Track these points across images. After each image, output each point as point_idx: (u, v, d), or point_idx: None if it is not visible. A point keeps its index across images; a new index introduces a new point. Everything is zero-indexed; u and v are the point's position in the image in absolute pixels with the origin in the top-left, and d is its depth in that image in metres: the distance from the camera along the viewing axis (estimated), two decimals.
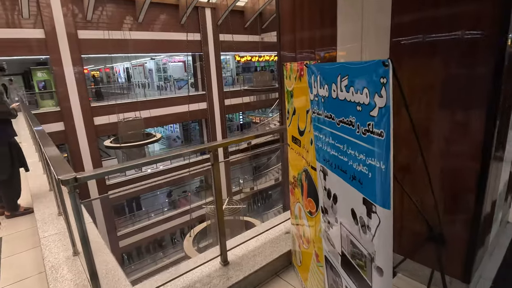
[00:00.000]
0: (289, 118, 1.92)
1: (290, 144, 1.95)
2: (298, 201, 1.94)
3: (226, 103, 18.58)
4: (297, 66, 1.67)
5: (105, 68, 31.53)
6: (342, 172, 1.20)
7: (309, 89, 1.45)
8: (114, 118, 13.31)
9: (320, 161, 1.42)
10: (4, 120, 3.19)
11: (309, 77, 1.41)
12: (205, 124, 18.66)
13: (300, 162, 1.81)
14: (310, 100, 1.45)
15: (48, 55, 12.95)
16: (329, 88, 1.21)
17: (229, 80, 21.79)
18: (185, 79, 22.77)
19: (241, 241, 2.50)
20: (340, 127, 1.17)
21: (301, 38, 2.63)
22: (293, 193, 2.02)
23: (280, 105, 2.75)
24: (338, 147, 1.21)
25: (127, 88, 20.50)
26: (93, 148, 14.38)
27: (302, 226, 1.95)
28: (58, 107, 13.60)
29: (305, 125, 1.66)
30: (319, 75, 1.30)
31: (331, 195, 1.35)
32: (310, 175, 1.65)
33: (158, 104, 16.36)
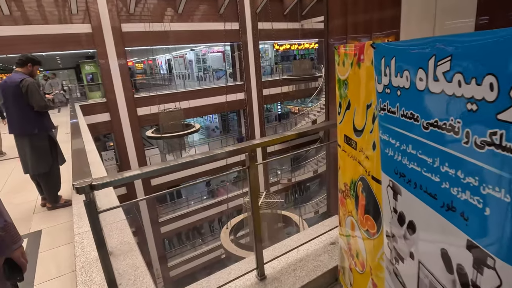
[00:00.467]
0: (341, 113, 1.56)
1: (342, 144, 1.60)
2: (350, 215, 1.60)
3: (265, 93, 18.25)
4: (355, 49, 1.31)
5: (148, 60, 32.77)
6: (428, 195, 0.85)
7: (375, 77, 1.09)
8: (155, 109, 13.65)
9: (389, 174, 1.07)
10: (43, 113, 3.19)
11: (377, 61, 1.05)
12: (243, 115, 18.54)
13: (355, 168, 1.46)
14: (377, 92, 1.09)
15: (95, 48, 13.53)
16: (413, 75, 0.85)
17: (267, 69, 21.38)
18: (223, 69, 22.81)
19: (280, 253, 2.22)
20: (429, 132, 0.81)
21: (354, 21, 2.22)
22: (344, 204, 1.68)
23: (326, 97, 2.39)
24: (423, 160, 0.85)
25: (168, 79, 20.99)
26: (137, 137, 14.93)
27: (355, 244, 1.61)
28: (104, 99, 14.25)
29: (364, 123, 1.31)
30: (394, 58, 0.94)
31: (405, 221, 1.00)
32: (370, 187, 1.30)
33: (197, 94, 16.52)
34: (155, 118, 13.42)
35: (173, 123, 11.99)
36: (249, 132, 18.36)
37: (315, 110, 19.87)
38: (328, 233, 2.39)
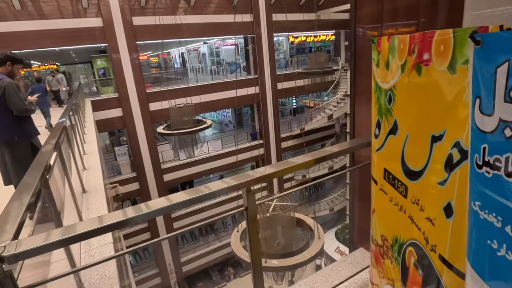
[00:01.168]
0: (379, 137, 1.08)
1: (379, 181, 1.12)
2: (390, 283, 1.12)
3: (279, 87, 17.68)
4: (412, 42, 0.82)
5: (162, 54, 32.62)
6: None
7: (471, 99, 0.60)
8: (167, 104, 13.37)
9: (482, 273, 0.59)
10: (24, 117, 2.84)
11: (486, 67, 0.56)
12: (257, 109, 18.05)
13: (401, 221, 0.98)
14: (475, 130, 0.60)
15: (106, 43, 13.31)
16: None
17: (282, 62, 20.71)
18: (237, 62, 22.30)
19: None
20: None
21: (393, 7, 1.70)
22: (380, 263, 1.20)
23: (351, 107, 1.87)
24: None
25: (182, 73, 20.68)
26: (149, 133, 14.74)
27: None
28: (116, 94, 14.08)
29: (424, 163, 0.82)
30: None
31: None
32: (435, 268, 0.82)
33: (210, 89, 16.14)
34: (167, 113, 13.17)
35: (184, 119, 11.65)
36: (263, 127, 17.89)
37: (331, 105, 19.14)
38: (353, 278, 1.89)
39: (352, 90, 1.73)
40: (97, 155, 4.50)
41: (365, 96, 1.67)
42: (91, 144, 5.27)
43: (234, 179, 1.18)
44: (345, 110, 18.19)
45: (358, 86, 1.67)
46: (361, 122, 1.76)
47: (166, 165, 15.84)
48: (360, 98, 1.69)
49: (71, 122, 3.80)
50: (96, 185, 3.34)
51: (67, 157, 3.08)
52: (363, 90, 1.64)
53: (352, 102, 1.83)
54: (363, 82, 1.64)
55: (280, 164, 1.22)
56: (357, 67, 1.63)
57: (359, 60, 1.65)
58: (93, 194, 3.12)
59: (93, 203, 2.87)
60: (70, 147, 3.00)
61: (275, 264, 5.86)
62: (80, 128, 5.99)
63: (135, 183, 15.21)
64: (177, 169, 16.05)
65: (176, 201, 1.11)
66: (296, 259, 5.86)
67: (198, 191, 1.15)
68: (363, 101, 1.70)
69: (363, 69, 1.62)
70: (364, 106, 1.69)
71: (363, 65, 1.61)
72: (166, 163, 15.92)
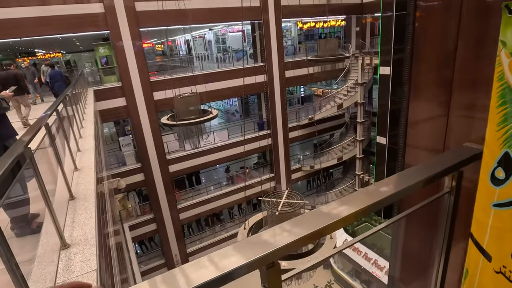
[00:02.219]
0: (507, 184, 0.65)
1: (497, 258, 0.70)
2: None
3: (287, 75, 17.09)
4: None
5: (168, 42, 32.01)
6: None
7: None
8: (172, 93, 12.96)
9: None
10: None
11: None
12: (264, 98, 17.54)
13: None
14: None
15: (108, 30, 12.86)
16: None
17: (290, 49, 20.01)
18: (244, 50, 21.65)
19: None
20: None
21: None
22: None
23: (403, 102, 1.42)
24: None
25: (187, 61, 20.15)
26: (154, 123, 14.42)
27: None
28: (120, 83, 13.71)
29: None
30: None
31: None
32: None
33: (216, 77, 15.66)
34: (172, 102, 12.78)
35: (189, 108, 11.26)
36: (270, 117, 17.42)
37: (341, 93, 18.52)
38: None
39: (407, 85, 1.30)
40: (93, 153, 4.13)
41: (428, 92, 1.23)
42: (88, 139, 4.91)
43: (249, 248, 0.75)
44: (355, 99, 17.57)
45: (418, 78, 1.22)
46: (420, 128, 1.32)
47: (172, 156, 15.57)
48: (420, 94, 1.25)
49: (59, 116, 3.41)
50: (87, 190, 2.98)
51: (50, 157, 2.71)
52: (425, 84, 1.20)
53: (406, 100, 1.39)
54: (426, 74, 1.21)
55: (315, 218, 0.80)
56: (417, 53, 1.19)
57: (421, 43, 1.20)
58: (81, 201, 2.75)
59: (80, 214, 2.51)
60: (53, 145, 2.61)
61: (284, 266, 5.52)
62: (78, 121, 5.64)
63: (140, 174, 15.00)
64: (183, 160, 15.78)
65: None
66: (307, 261, 5.52)
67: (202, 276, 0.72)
68: (424, 98, 1.26)
69: (426, 55, 1.18)
70: (425, 106, 1.25)
71: (427, 50, 1.17)
72: (171, 153, 15.65)
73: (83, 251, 2.02)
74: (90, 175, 3.35)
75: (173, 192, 16.03)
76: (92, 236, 2.18)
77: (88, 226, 2.32)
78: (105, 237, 2.93)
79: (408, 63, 1.66)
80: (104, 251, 2.54)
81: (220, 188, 17.45)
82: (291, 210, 6.28)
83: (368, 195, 0.94)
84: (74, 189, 3.02)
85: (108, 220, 3.84)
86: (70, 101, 4.95)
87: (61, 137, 3.39)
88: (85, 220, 2.39)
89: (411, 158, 1.53)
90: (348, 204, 0.87)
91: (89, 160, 3.84)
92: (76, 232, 2.27)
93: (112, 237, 3.98)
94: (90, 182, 3.14)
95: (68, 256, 1.98)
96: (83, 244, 2.11)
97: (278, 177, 18.54)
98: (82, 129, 5.62)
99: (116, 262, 3.87)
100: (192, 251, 17.19)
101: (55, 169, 2.90)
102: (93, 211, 2.53)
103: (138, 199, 16.36)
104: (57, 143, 3.48)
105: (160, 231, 16.03)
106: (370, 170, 19.70)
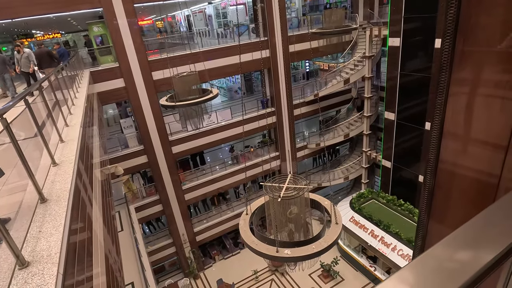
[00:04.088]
0: None
1: None
2: None
3: (291, 49, 16.35)
4: None
5: (168, 18, 30.91)
6: None
7: None
8: (169, 72, 12.48)
9: None
10: None
11: None
12: (267, 74, 16.92)
13: None
14: None
15: (101, 7, 12.23)
16: None
17: (294, 22, 19.05)
18: (245, 24, 20.72)
19: None
20: None
21: None
22: None
23: (439, 95, 1.03)
24: None
25: (188, 38, 19.40)
26: (154, 103, 14.06)
27: None
28: (117, 63, 13.24)
29: None
30: None
31: None
32: None
33: (217, 54, 15.04)
34: (171, 82, 12.37)
35: (189, 88, 10.83)
36: (274, 94, 16.88)
37: (348, 68, 17.74)
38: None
39: (445, 73, 0.93)
40: (75, 144, 3.82)
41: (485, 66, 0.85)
42: (74, 128, 4.60)
43: None
44: (363, 73, 16.83)
45: (462, 64, 0.86)
46: (469, 113, 0.95)
47: (174, 137, 15.33)
48: (465, 86, 0.87)
49: (29, 106, 3.08)
50: (61, 191, 2.69)
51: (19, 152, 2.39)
52: (473, 73, 0.83)
53: (444, 93, 1.01)
54: (475, 59, 0.84)
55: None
56: (463, 31, 0.82)
57: (472, 18, 0.82)
58: (54, 205, 2.47)
59: (48, 221, 2.22)
60: (12, 140, 2.29)
61: (288, 254, 5.33)
62: (66, 108, 5.32)
63: (143, 156, 14.87)
64: (186, 140, 15.55)
65: None
66: (311, 249, 5.31)
67: None
68: (470, 85, 0.88)
69: (476, 36, 0.81)
70: (478, 83, 0.88)
71: (478, 31, 0.80)
72: (174, 134, 15.40)
73: (43, 272, 1.75)
74: (68, 171, 3.05)
75: (178, 173, 15.93)
76: (56, 251, 1.90)
77: (54, 237, 2.04)
78: (82, 248, 2.66)
79: (452, 44, 1.29)
80: (78, 267, 2.27)
81: (225, 168, 17.30)
82: (295, 193, 6.01)
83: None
84: (49, 188, 2.73)
85: (95, 220, 3.59)
86: (52, 87, 4.60)
87: (34, 126, 3.06)
88: (52, 230, 2.11)
89: (450, 153, 1.17)
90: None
91: (71, 153, 3.54)
92: (40, 245, 1.99)
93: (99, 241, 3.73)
94: (67, 181, 2.85)
95: (24, 279, 1.71)
96: (44, 261, 1.84)
97: (283, 156, 18.27)
98: (70, 115, 5.31)
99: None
100: (199, 230, 17.36)
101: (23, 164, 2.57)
102: (63, 217, 2.24)
103: (143, 180, 16.34)
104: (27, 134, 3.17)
105: (166, 212, 16.11)
106: (377, 146, 19.27)
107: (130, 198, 15.17)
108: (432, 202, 1.42)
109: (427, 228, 1.64)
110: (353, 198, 16.76)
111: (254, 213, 6.89)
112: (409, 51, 13.84)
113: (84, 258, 2.65)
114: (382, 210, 15.78)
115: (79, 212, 2.84)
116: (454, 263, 0.50)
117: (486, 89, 0.88)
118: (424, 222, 1.62)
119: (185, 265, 17.18)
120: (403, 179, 16.24)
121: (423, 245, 1.84)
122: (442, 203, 1.44)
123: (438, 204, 1.43)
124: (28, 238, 2.06)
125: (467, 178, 1.23)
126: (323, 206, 6.69)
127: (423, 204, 1.53)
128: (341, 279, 15.70)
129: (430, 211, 1.53)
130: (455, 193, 1.35)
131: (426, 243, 1.69)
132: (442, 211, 1.47)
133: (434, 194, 1.44)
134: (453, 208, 1.39)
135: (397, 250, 13.21)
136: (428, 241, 1.66)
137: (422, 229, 1.69)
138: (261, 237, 5.97)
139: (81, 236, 2.78)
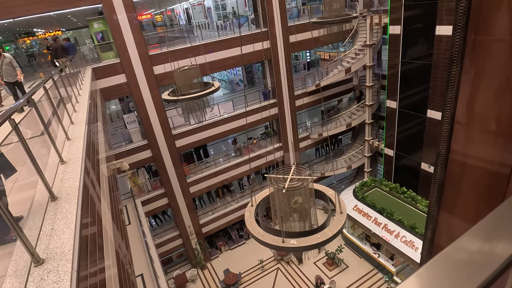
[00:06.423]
0: None
1: None
2: None
3: (291, 40, 16.21)
4: None
5: (167, 11, 30.60)
6: None
7: None
8: (170, 66, 12.43)
9: None
10: None
11: None
12: (268, 66, 16.82)
13: None
14: None
15: (101, 3, 12.14)
16: None
17: (294, 12, 18.82)
18: (245, 15, 20.51)
19: None
20: None
21: None
22: None
23: (451, 86, 1.05)
24: None
25: (187, 31, 19.25)
26: (156, 98, 14.07)
27: None
28: (118, 59, 13.21)
29: None
30: None
31: None
32: None
33: (217, 46, 14.95)
34: (173, 76, 12.34)
35: (190, 82, 10.80)
36: (276, 85, 16.80)
37: (349, 57, 17.57)
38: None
39: (456, 65, 0.92)
40: (82, 141, 3.85)
41: (492, 73, 0.85)
42: (79, 125, 4.62)
43: None
44: (364, 62, 16.67)
45: (474, 56, 0.85)
46: (482, 103, 0.95)
47: (177, 131, 15.37)
48: (476, 77, 0.86)
49: (34, 104, 3.10)
50: (71, 188, 2.73)
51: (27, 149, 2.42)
52: (485, 65, 0.82)
53: (455, 84, 1.00)
54: (487, 51, 0.83)
55: None
56: (475, 24, 0.81)
57: (484, 11, 0.81)
58: (64, 203, 2.52)
59: (60, 219, 2.27)
60: (21, 140, 2.33)
61: (294, 244, 5.39)
62: (70, 105, 5.34)
63: (147, 150, 14.94)
64: (189, 134, 15.60)
65: None
66: (317, 238, 5.37)
67: None
68: (481, 76, 0.87)
69: (487, 28, 0.80)
70: (496, 72, 0.87)
71: (490, 23, 0.79)
72: (177, 128, 15.44)
73: (58, 269, 1.80)
74: (76, 169, 3.08)
75: (182, 167, 16.02)
76: (69, 248, 1.94)
77: (67, 234, 2.08)
78: (93, 244, 2.70)
79: (464, 32, 1.23)
80: (90, 263, 2.32)
81: (228, 160, 17.37)
82: (299, 184, 6.03)
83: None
84: (58, 186, 2.77)
85: (104, 217, 3.64)
86: (56, 86, 4.61)
87: (43, 124, 3.09)
88: (64, 227, 2.15)
89: (461, 144, 1.17)
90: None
91: (78, 151, 3.57)
92: (53, 242, 2.04)
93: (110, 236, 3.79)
94: (75, 178, 2.88)
95: (40, 276, 1.75)
96: (58, 258, 1.88)
97: (286, 146, 18.29)
98: (75, 113, 5.34)
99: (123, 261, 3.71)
100: (204, 222, 17.53)
101: (34, 164, 2.61)
102: (74, 215, 2.28)
103: (148, 174, 16.45)
104: (36, 133, 3.19)
105: (172, 205, 16.26)
106: (379, 135, 19.21)
107: (136, 192, 15.31)
108: (443, 194, 1.43)
109: (437, 220, 1.66)
110: (356, 187, 16.81)
111: (259, 204, 6.94)
112: (410, 39, 13.67)
113: (96, 253, 2.70)
114: (385, 198, 15.83)
115: (89, 208, 2.88)
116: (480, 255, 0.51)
117: (497, 80, 0.88)
118: (434, 214, 1.64)
119: (192, 256, 17.41)
120: (406, 167, 16.24)
121: (433, 237, 1.87)
122: (452, 194, 1.45)
123: (448, 196, 1.44)
124: (41, 235, 2.11)
125: (478, 168, 1.25)
126: (328, 196, 6.73)
127: (433, 196, 1.55)
128: (345, 266, 15.87)
129: (440, 203, 1.55)
130: (466, 184, 1.37)
131: (436, 235, 1.71)
132: (453, 203, 1.48)
133: (445, 185, 1.45)
134: (463, 199, 1.41)
135: (400, 237, 13.31)
136: (438, 232, 1.68)
137: (432, 221, 1.71)
138: (267, 228, 6.04)
139: (92, 231, 2.82)
